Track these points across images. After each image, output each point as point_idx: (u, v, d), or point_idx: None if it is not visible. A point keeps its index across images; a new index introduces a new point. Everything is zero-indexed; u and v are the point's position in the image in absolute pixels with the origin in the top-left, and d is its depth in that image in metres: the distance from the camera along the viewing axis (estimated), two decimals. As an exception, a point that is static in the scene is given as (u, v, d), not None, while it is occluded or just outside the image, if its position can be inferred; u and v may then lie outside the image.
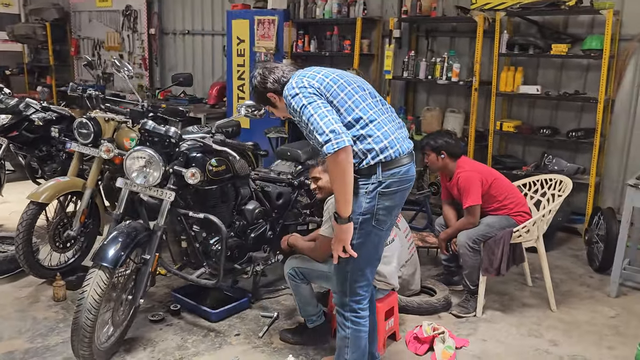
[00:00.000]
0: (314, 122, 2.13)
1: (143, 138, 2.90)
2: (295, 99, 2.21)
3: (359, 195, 2.25)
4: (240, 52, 6.90)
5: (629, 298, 3.84)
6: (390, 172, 2.25)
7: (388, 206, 2.29)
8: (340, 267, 2.34)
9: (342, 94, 2.27)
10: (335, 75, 2.32)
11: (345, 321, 2.41)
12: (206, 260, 3.21)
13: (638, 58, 4.92)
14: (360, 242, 2.28)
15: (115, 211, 2.90)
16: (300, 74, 2.32)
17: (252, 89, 2.46)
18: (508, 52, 5.24)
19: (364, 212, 2.26)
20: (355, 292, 2.37)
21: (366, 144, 2.23)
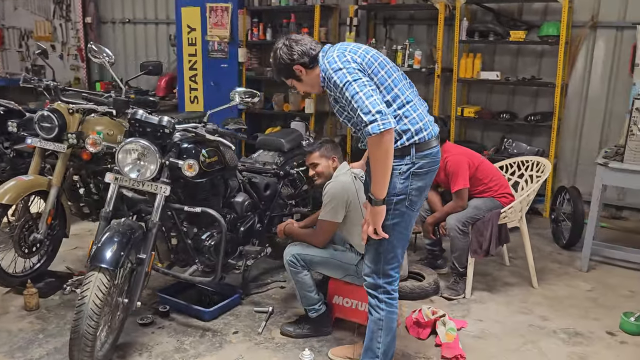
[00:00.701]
0: (359, 100, 2.08)
1: (133, 129, 2.69)
2: (338, 74, 2.14)
3: (393, 176, 2.24)
4: (191, 42, 6.61)
5: (599, 271, 4.05)
6: (423, 153, 2.27)
7: (420, 187, 2.30)
8: (374, 248, 2.33)
9: (382, 71, 2.24)
10: (375, 53, 2.29)
11: (379, 303, 2.38)
12: (198, 256, 3.05)
13: (588, 44, 5.19)
14: (394, 222, 2.28)
15: (104, 209, 2.67)
16: (341, 48, 2.26)
17: (276, 61, 2.36)
18: (468, 39, 5.36)
19: (398, 192, 2.25)
20: (388, 274, 2.36)
21: (402, 124, 2.23)
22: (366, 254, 2.40)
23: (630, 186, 4.06)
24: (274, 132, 4.13)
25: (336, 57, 2.19)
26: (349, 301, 3.07)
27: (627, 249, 4.18)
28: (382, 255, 2.34)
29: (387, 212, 2.27)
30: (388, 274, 2.37)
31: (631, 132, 3.73)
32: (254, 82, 6.68)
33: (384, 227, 2.27)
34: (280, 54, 2.34)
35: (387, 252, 2.34)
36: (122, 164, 2.59)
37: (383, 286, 2.37)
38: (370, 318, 2.42)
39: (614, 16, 5.02)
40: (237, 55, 6.36)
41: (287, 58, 2.32)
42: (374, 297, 2.39)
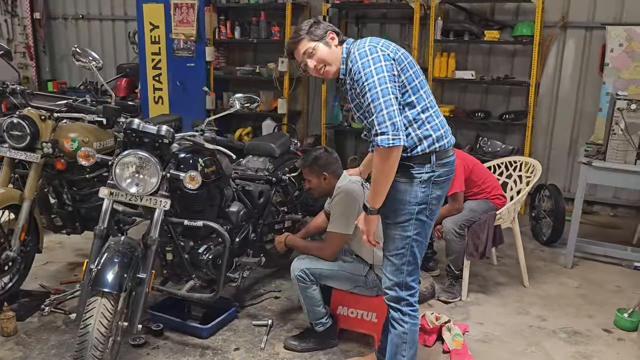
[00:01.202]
0: (378, 106, 2.01)
1: (127, 139, 2.49)
2: (366, 70, 2.05)
3: (413, 184, 2.18)
4: (154, 39, 6.33)
5: (583, 267, 4.14)
6: (442, 161, 2.22)
7: (439, 195, 2.25)
8: (395, 261, 2.27)
9: (410, 70, 2.16)
10: (404, 51, 2.20)
11: (403, 316, 2.31)
12: (195, 271, 2.88)
13: (559, 44, 5.30)
14: (416, 232, 2.23)
15: (98, 226, 2.46)
16: (372, 42, 2.15)
17: (310, 26, 2.24)
18: (443, 39, 5.37)
19: (419, 201, 2.20)
20: (410, 286, 2.30)
21: (424, 129, 2.16)
22: (386, 266, 2.32)
23: (613, 184, 4.17)
24: (263, 135, 3.97)
25: (368, 51, 2.09)
26: (354, 311, 2.98)
27: (607, 245, 4.30)
28: (404, 267, 2.28)
29: (408, 223, 2.22)
30: (410, 285, 2.31)
31: (613, 131, 3.81)
32: (222, 81, 6.48)
33: (406, 238, 2.23)
34: (313, 22, 2.25)
35: (408, 264, 2.28)
36: (119, 178, 2.39)
37: (406, 298, 2.30)
38: (393, 332, 2.34)
39: (583, 17, 5.14)
40: (204, 54, 6.14)
41: (322, 25, 2.24)
42: (396, 310, 2.32)
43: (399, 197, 2.22)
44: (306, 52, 2.23)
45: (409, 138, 2.16)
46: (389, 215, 2.26)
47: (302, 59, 2.27)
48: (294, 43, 2.27)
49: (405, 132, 2.13)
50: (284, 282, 3.71)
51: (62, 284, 3.63)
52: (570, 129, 5.41)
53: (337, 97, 6.02)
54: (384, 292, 2.34)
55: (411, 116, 2.15)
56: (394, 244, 2.27)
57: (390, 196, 2.22)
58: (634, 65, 4.94)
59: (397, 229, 2.25)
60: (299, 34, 2.25)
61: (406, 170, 2.19)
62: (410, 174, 2.20)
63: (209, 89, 6.24)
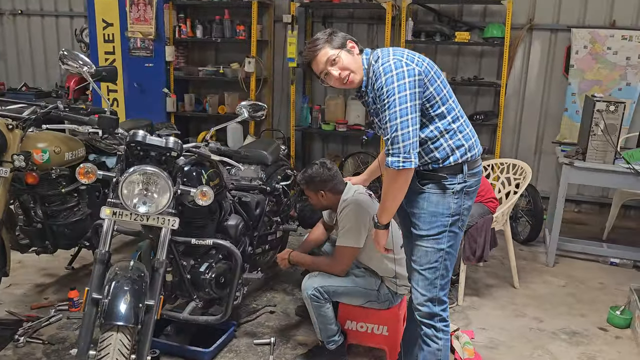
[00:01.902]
0: (393, 126, 1.97)
1: (130, 153, 2.25)
2: (389, 87, 1.97)
3: (446, 195, 2.13)
4: (107, 38, 5.94)
5: (564, 265, 4.24)
6: (473, 171, 2.17)
7: (470, 206, 2.21)
8: (427, 275, 2.19)
9: (438, 80, 2.08)
10: (429, 61, 2.11)
11: (437, 333, 2.23)
12: (196, 292, 2.68)
13: (525, 46, 5.42)
14: (449, 245, 2.17)
15: (99, 250, 2.20)
16: (397, 54, 2.04)
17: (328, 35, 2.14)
18: (414, 39, 5.35)
19: (452, 213, 2.14)
20: (442, 300, 2.23)
21: (456, 139, 2.11)
22: (418, 281, 2.23)
23: (593, 183, 4.29)
24: (251, 142, 3.77)
25: (393, 65, 1.99)
26: (363, 325, 2.87)
27: (583, 242, 4.43)
28: (437, 281, 2.20)
29: (441, 235, 2.16)
30: (443, 300, 2.23)
31: (593, 132, 3.91)
32: (182, 82, 6.18)
33: (439, 251, 2.17)
34: (331, 32, 2.15)
35: (441, 277, 2.21)
36: (127, 198, 2.15)
37: (439, 314, 2.22)
38: (426, 349, 2.25)
39: (549, 19, 5.28)
40: (163, 54, 5.82)
41: (341, 34, 2.14)
42: (430, 326, 2.23)
43: (432, 209, 2.15)
44: (328, 60, 2.11)
45: (442, 149, 2.11)
46: (421, 228, 2.18)
47: (324, 68, 2.14)
48: (313, 52, 2.14)
49: (437, 142, 2.10)
50: (276, 295, 3.56)
51: (33, 309, 3.30)
52: (536, 129, 5.54)
53: (306, 98, 5.88)
54: (416, 308, 2.25)
55: (442, 127, 2.10)
56: (426, 258, 2.19)
57: (423, 208, 2.16)
58: (597, 67, 5.13)
59: (430, 241, 2.17)
60: (318, 42, 2.14)
61: (438, 181, 2.15)
62: (442, 185, 2.14)
63: (170, 91, 5.93)
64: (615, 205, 4.67)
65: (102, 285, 2.16)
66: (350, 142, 6.09)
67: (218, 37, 5.84)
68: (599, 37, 5.05)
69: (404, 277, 2.74)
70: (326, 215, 3.03)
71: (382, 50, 2.13)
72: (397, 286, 2.74)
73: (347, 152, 6.10)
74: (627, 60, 5.04)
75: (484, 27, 5.27)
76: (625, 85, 5.09)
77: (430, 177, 2.16)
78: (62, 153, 3.19)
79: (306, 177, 2.79)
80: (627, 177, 3.84)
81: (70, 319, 3.18)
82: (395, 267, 2.68)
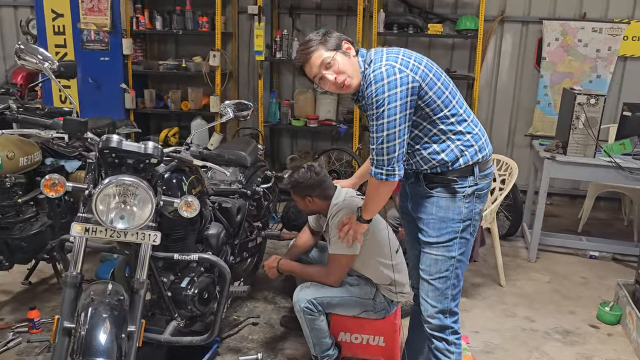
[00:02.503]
0: (379, 138, 1.88)
1: (103, 160, 1.98)
2: (379, 97, 1.84)
3: (456, 199, 2.00)
4: (58, 30, 5.51)
5: (546, 260, 4.20)
6: (484, 173, 2.04)
7: (480, 210, 2.08)
8: (437, 286, 2.05)
9: (438, 83, 1.92)
10: (427, 62, 1.95)
11: (449, 346, 2.09)
12: (178, 310, 2.43)
13: (497, 38, 5.36)
14: (461, 252, 2.05)
15: (68, 272, 1.93)
16: (389, 57, 1.88)
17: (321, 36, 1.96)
18: (386, 31, 5.20)
19: (464, 218, 2.01)
20: (453, 312, 2.10)
21: (464, 140, 1.97)
22: (427, 292, 2.08)
23: (575, 177, 4.26)
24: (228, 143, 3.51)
25: (384, 73, 1.85)
26: (358, 337, 2.70)
27: (562, 236, 4.42)
28: (448, 292, 2.06)
29: (452, 242, 2.03)
30: (454, 311, 2.09)
31: (574, 125, 3.86)
32: (141, 77, 5.82)
33: (450, 259, 2.04)
34: (325, 32, 1.98)
35: (452, 287, 2.07)
36: (103, 214, 1.88)
37: (451, 326, 2.08)
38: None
39: (520, 11, 5.23)
40: (120, 47, 5.45)
41: (335, 35, 1.97)
42: (441, 340, 2.08)
43: (441, 214, 2.00)
44: (323, 63, 1.93)
45: (449, 151, 1.97)
46: (430, 235, 2.03)
47: (318, 72, 1.96)
48: (306, 54, 1.95)
49: (443, 144, 1.97)
50: (256, 304, 3.34)
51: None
52: (509, 121, 5.51)
53: (274, 92, 5.64)
54: (426, 321, 2.09)
55: (447, 129, 1.96)
56: (436, 267, 2.04)
57: (432, 214, 2.01)
58: (568, 59, 5.12)
59: (440, 249, 2.03)
60: (311, 44, 1.95)
61: (448, 184, 2.00)
62: (452, 188, 2.00)
63: (128, 86, 5.57)
64: (590, 197, 4.68)
65: (74, 312, 1.90)
66: (321, 138, 5.90)
67: (179, 29, 5.51)
68: (570, 30, 5.04)
69: (401, 283, 2.58)
70: (312, 221, 2.83)
71: (376, 52, 1.96)
72: (395, 294, 2.58)
73: (317, 148, 5.91)
74: (597, 53, 5.05)
75: (456, 19, 5.17)
76: (596, 77, 5.11)
77: (438, 181, 2.01)
78: (16, 158, 2.86)
79: (292, 181, 2.58)
80: (608, 171, 3.81)
81: (31, 342, 2.86)
82: (391, 273, 2.52)
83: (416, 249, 2.22)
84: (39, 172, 3.12)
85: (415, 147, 2.00)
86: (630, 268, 4.10)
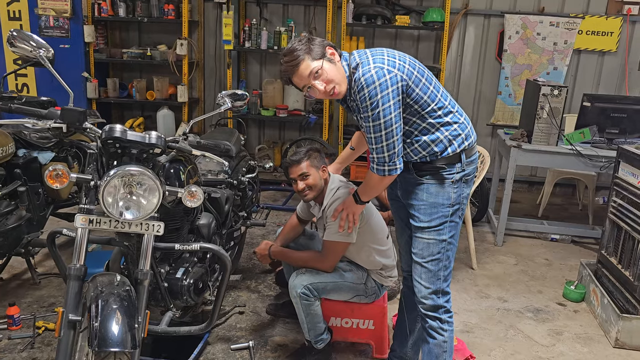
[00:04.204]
0: (379, 138, 1.96)
1: (105, 151, 1.95)
2: (373, 99, 1.91)
3: (445, 185, 2.09)
4: (13, 15, 5.29)
5: (511, 244, 4.41)
6: (470, 158, 2.15)
7: (468, 194, 2.19)
8: (430, 268, 2.15)
9: (423, 79, 2.01)
10: (410, 59, 2.03)
11: (442, 324, 2.18)
12: (173, 301, 2.43)
13: (460, 30, 5.53)
14: (451, 235, 2.14)
15: (73, 265, 1.89)
16: (375, 60, 1.95)
17: (305, 44, 1.96)
18: (354, 22, 5.26)
19: (453, 202, 2.11)
20: (446, 292, 2.19)
21: (452, 130, 2.07)
22: (420, 274, 2.17)
23: (539, 164, 4.47)
24: (210, 132, 3.48)
25: (375, 76, 1.91)
26: (348, 321, 2.78)
27: (525, 220, 4.65)
28: (440, 273, 2.16)
29: (443, 226, 2.12)
30: (446, 291, 2.20)
31: (538, 115, 4.06)
32: (102, 65, 5.66)
33: (441, 242, 2.13)
34: (307, 39, 1.99)
35: (444, 269, 2.17)
36: (112, 205, 1.87)
37: (443, 305, 2.18)
38: (432, 342, 2.20)
39: (482, 5, 5.41)
40: (81, 34, 5.28)
41: (318, 41, 1.99)
42: (435, 319, 2.18)
43: (432, 200, 2.10)
44: (311, 73, 1.96)
45: (439, 142, 2.06)
46: (421, 220, 2.12)
47: (307, 82, 1.99)
48: (293, 66, 1.96)
49: (433, 135, 2.06)
50: (240, 294, 3.36)
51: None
52: (471, 111, 5.70)
53: (242, 82, 5.62)
54: (419, 301, 2.19)
55: (435, 122, 2.05)
56: (428, 250, 2.13)
57: (422, 200, 2.10)
58: (528, 52, 5.35)
59: (431, 233, 2.12)
60: (296, 54, 1.96)
61: (436, 172, 2.10)
62: (441, 175, 2.10)
63: (90, 75, 5.41)
64: (549, 183, 4.93)
65: (78, 305, 1.88)
66: (289, 127, 5.93)
67: (144, 16, 5.39)
68: (530, 23, 5.27)
69: (391, 268, 2.68)
70: (301, 209, 2.87)
71: (360, 54, 2.01)
72: (385, 278, 2.67)
73: (286, 138, 5.93)
74: (555, 46, 5.30)
75: (422, 11, 5.30)
76: (553, 69, 5.37)
77: (427, 169, 2.10)
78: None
79: (309, 150, 2.61)
80: (569, 158, 4.04)
81: (12, 339, 2.78)
82: (382, 259, 2.61)
83: (406, 234, 2.32)
84: (13, 164, 3.03)
85: (407, 141, 2.08)
86: (588, 249, 4.37)
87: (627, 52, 5.31)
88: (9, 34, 2.06)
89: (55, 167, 1.84)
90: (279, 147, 5.74)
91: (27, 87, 5.44)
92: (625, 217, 3.19)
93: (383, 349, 2.77)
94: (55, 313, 2.96)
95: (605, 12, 5.27)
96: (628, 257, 3.15)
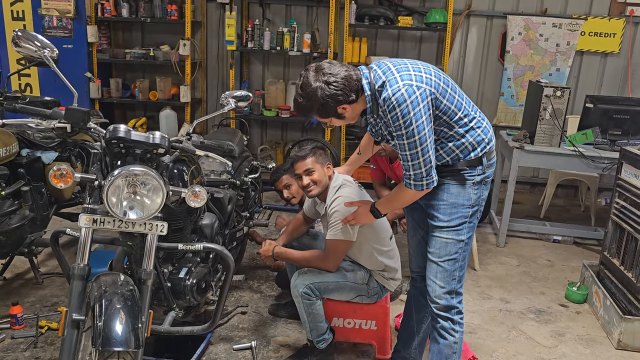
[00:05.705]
0: (415, 155, 1.96)
1: (108, 151, 1.96)
2: (406, 117, 1.91)
3: (466, 187, 2.10)
4: (17, 15, 5.30)
5: (513, 245, 4.41)
6: (490, 162, 2.16)
7: (486, 196, 2.19)
8: (445, 267, 2.15)
9: (448, 89, 2.02)
10: (435, 70, 2.03)
11: (454, 325, 2.19)
12: (176, 301, 2.44)
13: (462, 31, 5.53)
14: (469, 236, 2.15)
15: (77, 264, 1.90)
16: (402, 76, 1.92)
17: (312, 103, 1.96)
18: (357, 23, 5.27)
19: (472, 204, 2.12)
20: (459, 292, 2.20)
21: (476, 135, 2.08)
22: (436, 273, 2.17)
23: (541, 165, 4.46)
24: (213, 133, 3.49)
25: (405, 94, 1.89)
26: (351, 321, 2.78)
27: (527, 221, 4.64)
28: (455, 273, 2.17)
29: (462, 226, 2.13)
30: (459, 292, 2.21)
31: (541, 116, 4.06)
32: (106, 66, 5.67)
33: (459, 242, 2.14)
34: (320, 94, 1.93)
35: (460, 269, 2.18)
36: (116, 206, 1.87)
37: (456, 306, 2.19)
38: (442, 342, 2.20)
39: (485, 6, 5.41)
40: (85, 34, 5.29)
41: (331, 100, 1.94)
42: (447, 319, 2.19)
43: (452, 200, 2.11)
44: (330, 122, 2.08)
45: (464, 147, 2.08)
46: (441, 219, 2.12)
47: (330, 122, 2.10)
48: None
49: (458, 142, 2.07)
50: (242, 294, 3.37)
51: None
52: (474, 113, 5.69)
53: (245, 82, 5.62)
54: (433, 301, 2.19)
55: (462, 130, 2.06)
56: (446, 249, 2.14)
57: (442, 199, 2.11)
58: (530, 53, 5.35)
59: (450, 232, 2.13)
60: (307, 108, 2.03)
61: (458, 173, 2.11)
62: (462, 176, 2.10)
63: (93, 75, 5.42)
64: (551, 184, 4.93)
65: (82, 305, 1.89)
66: (291, 128, 5.93)
67: (147, 17, 5.40)
68: (532, 24, 5.27)
69: (393, 269, 2.68)
70: (308, 207, 2.88)
71: (383, 70, 1.97)
72: (387, 279, 2.67)
73: (288, 139, 5.94)
74: (557, 47, 5.30)
75: (425, 12, 5.30)
76: (555, 70, 5.36)
77: (448, 171, 2.10)
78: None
79: (313, 147, 2.67)
80: (572, 159, 4.04)
81: (15, 338, 2.79)
82: (384, 259, 2.61)
83: (418, 235, 2.32)
84: (16, 163, 3.04)
85: None
86: (591, 251, 4.37)
87: (630, 53, 5.31)
88: (14, 34, 2.07)
89: (59, 167, 1.85)
90: (281, 147, 5.74)
91: (30, 87, 5.45)
92: (627, 218, 3.19)
93: (385, 350, 2.77)
94: (58, 312, 2.97)
95: (608, 14, 5.27)
96: (630, 259, 3.15)
